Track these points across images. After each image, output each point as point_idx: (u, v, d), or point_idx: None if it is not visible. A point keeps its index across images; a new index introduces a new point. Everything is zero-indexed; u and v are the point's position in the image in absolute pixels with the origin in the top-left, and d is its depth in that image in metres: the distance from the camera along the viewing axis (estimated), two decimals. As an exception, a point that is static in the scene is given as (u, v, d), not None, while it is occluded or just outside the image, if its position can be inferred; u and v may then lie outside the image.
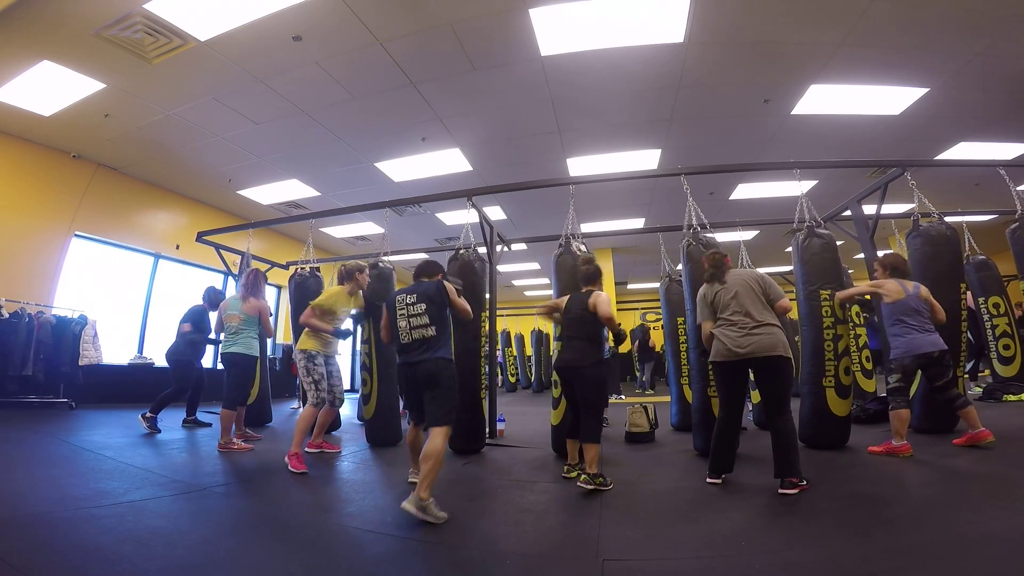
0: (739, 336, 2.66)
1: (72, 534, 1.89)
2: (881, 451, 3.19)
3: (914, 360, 3.28)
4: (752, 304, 2.71)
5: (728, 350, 2.68)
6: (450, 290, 2.67)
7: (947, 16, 4.24)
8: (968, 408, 3.21)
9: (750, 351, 2.61)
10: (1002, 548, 1.70)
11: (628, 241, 11.04)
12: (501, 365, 12.45)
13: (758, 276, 2.84)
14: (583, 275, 3.19)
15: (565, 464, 3.10)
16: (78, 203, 6.68)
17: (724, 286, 2.82)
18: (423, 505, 2.13)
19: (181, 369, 4.79)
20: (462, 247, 4.25)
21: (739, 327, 2.68)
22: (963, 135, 6.42)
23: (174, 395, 4.68)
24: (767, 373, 2.65)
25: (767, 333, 2.63)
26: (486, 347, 4.25)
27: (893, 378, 3.36)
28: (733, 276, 2.85)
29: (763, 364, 2.62)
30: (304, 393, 3.82)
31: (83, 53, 4.53)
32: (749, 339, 2.63)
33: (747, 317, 2.69)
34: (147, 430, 4.37)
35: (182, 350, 4.83)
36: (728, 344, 2.68)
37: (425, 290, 2.63)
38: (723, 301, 2.79)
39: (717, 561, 1.74)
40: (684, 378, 4.64)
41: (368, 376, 4.27)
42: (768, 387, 2.68)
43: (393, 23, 4.35)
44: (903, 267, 3.57)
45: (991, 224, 7.70)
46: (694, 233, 3.87)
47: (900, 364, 3.33)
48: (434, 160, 6.96)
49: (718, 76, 5.17)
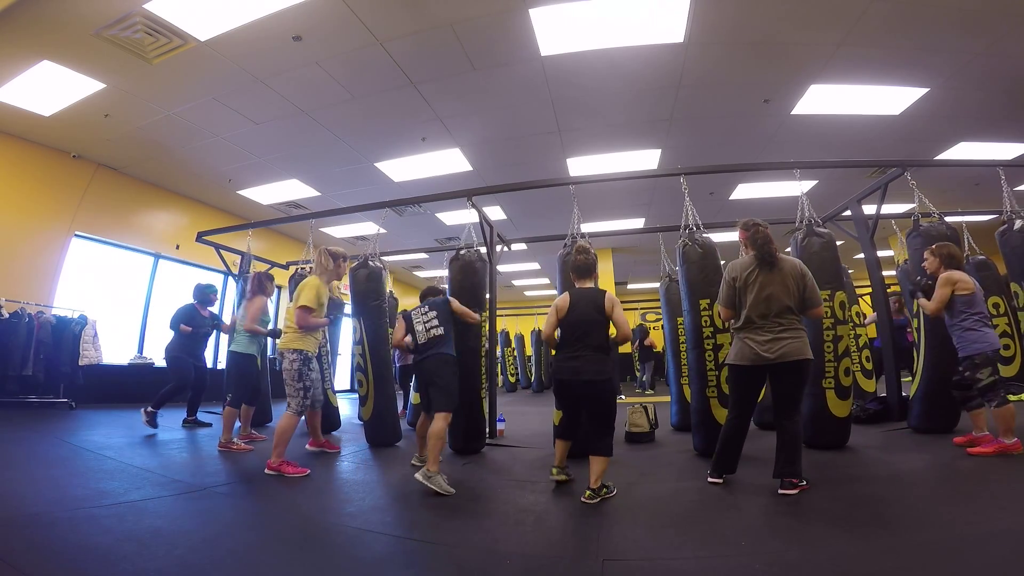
0: (767, 340, 2.50)
1: (72, 534, 1.89)
2: (992, 451, 2.95)
3: (996, 354, 3.07)
4: (786, 304, 2.52)
5: (756, 355, 2.51)
6: (454, 302, 3.43)
7: (947, 16, 4.24)
8: (980, 411, 3.17)
9: (779, 356, 2.47)
10: (1002, 548, 1.70)
11: (628, 241, 11.04)
12: (500, 365, 12.45)
13: (801, 274, 2.57)
14: (578, 266, 2.82)
15: (553, 467, 2.84)
16: (78, 203, 6.68)
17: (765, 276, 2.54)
18: (429, 475, 2.58)
19: (177, 366, 4.80)
20: (462, 247, 4.25)
21: (766, 331, 2.52)
22: (963, 135, 6.42)
23: (174, 391, 4.71)
24: (790, 376, 2.52)
25: (796, 337, 2.49)
26: (486, 347, 4.24)
27: (984, 373, 3.03)
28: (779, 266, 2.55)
29: (788, 368, 2.49)
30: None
31: (83, 53, 4.53)
32: (778, 344, 2.48)
33: (778, 320, 2.51)
34: (146, 424, 4.39)
35: (177, 347, 4.83)
36: (756, 348, 2.52)
37: (435, 303, 3.32)
38: (755, 296, 2.54)
39: (717, 561, 1.74)
40: (684, 378, 4.64)
41: (364, 377, 4.25)
42: (786, 389, 2.55)
43: (393, 23, 4.35)
44: (960, 258, 3.32)
45: (991, 224, 7.66)
46: (690, 234, 3.87)
47: (986, 358, 3.04)
48: (434, 160, 6.96)
49: (718, 76, 5.17)
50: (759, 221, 2.69)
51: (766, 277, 2.55)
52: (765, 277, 2.55)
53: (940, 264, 3.30)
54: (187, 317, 4.92)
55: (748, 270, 2.61)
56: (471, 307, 3.57)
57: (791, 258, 2.68)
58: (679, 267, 3.84)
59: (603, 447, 2.59)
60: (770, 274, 2.55)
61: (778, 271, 2.55)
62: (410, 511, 2.46)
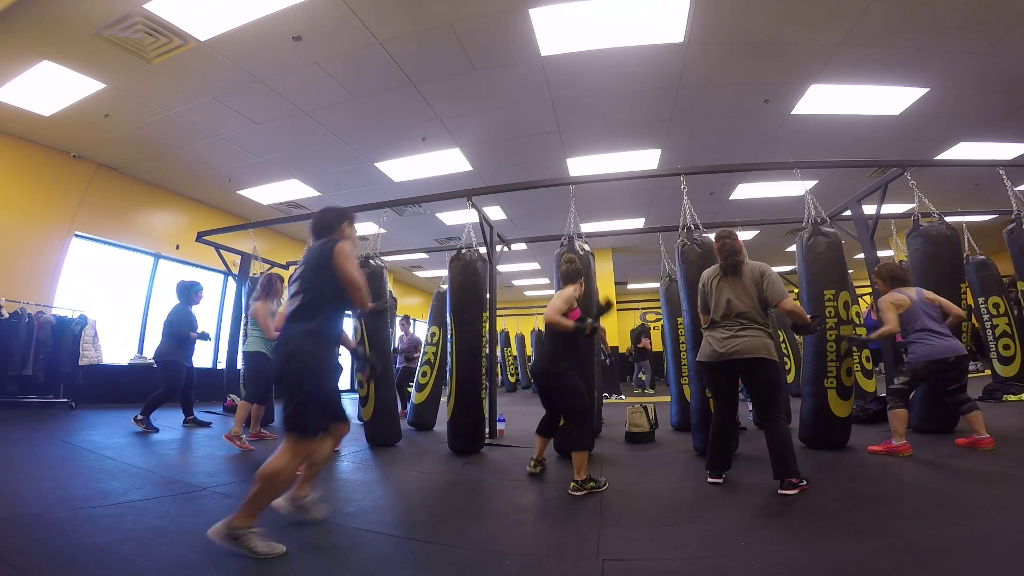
0: (724, 338, 2.68)
1: (72, 534, 1.89)
2: (881, 450, 3.19)
3: (927, 366, 3.25)
4: (744, 306, 2.68)
5: (712, 351, 2.71)
6: (341, 251, 2.00)
7: (947, 16, 4.24)
8: (975, 413, 3.19)
9: (732, 352, 2.62)
10: (1002, 548, 1.70)
11: (628, 241, 11.04)
12: (500, 365, 12.45)
13: (760, 274, 2.74)
14: (562, 274, 3.11)
15: (531, 459, 3.11)
16: (78, 203, 6.68)
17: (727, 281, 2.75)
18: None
19: (170, 370, 4.74)
20: (463, 247, 4.25)
21: (725, 329, 2.69)
22: (963, 135, 6.42)
23: (164, 396, 4.65)
24: (750, 375, 2.65)
25: (752, 336, 2.63)
26: (486, 347, 4.24)
27: (899, 379, 3.33)
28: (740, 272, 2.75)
29: (746, 366, 2.63)
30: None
31: (83, 53, 4.53)
32: (732, 341, 2.64)
33: (738, 320, 2.67)
34: (143, 431, 4.37)
35: (171, 351, 4.78)
36: (713, 345, 2.71)
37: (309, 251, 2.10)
38: (716, 299, 2.76)
39: (717, 561, 1.74)
40: (684, 378, 4.64)
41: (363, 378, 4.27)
42: (753, 389, 2.69)
43: (393, 23, 4.35)
44: (902, 275, 3.55)
45: (991, 224, 7.69)
46: (688, 234, 3.87)
47: (912, 368, 3.30)
48: (434, 160, 6.97)
49: (718, 76, 5.17)
50: (730, 232, 2.86)
51: (727, 282, 2.77)
52: (727, 282, 2.77)
53: (885, 285, 3.53)
54: (188, 322, 4.88)
55: (714, 277, 2.85)
56: (471, 307, 3.52)
57: (754, 263, 2.82)
58: (678, 267, 3.84)
59: (570, 441, 2.72)
60: (732, 279, 2.75)
61: (739, 277, 2.75)
62: (410, 511, 2.47)
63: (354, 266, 2.00)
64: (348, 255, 1.99)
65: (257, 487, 1.78)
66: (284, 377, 1.90)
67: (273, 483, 1.80)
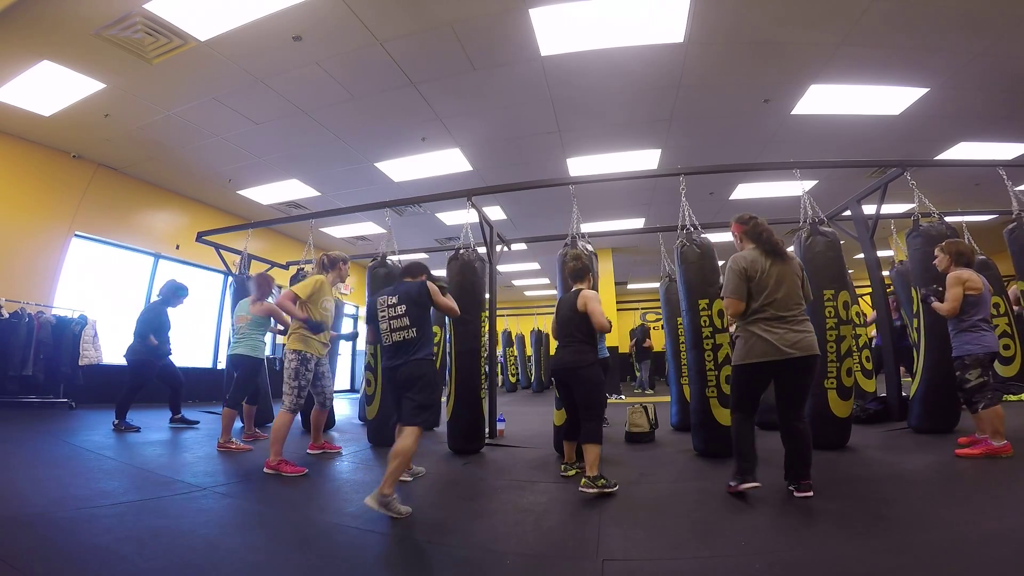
0: (786, 332, 2.35)
1: (72, 534, 1.89)
2: (979, 453, 2.90)
3: (989, 356, 3.06)
4: (799, 296, 2.45)
5: (775, 348, 2.35)
6: (433, 290, 2.65)
7: (947, 16, 4.24)
8: (984, 412, 3.14)
9: (798, 350, 2.34)
10: (1002, 548, 1.70)
11: (628, 241, 11.04)
12: (501, 365, 12.45)
13: (799, 268, 2.55)
14: (570, 272, 3.11)
15: (562, 463, 3.14)
16: (78, 203, 6.68)
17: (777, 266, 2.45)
18: (386, 501, 2.16)
19: (140, 370, 4.76)
20: (462, 247, 4.25)
21: (785, 321, 2.38)
22: (963, 135, 6.42)
23: (129, 395, 4.66)
24: (802, 373, 2.40)
25: (810, 331, 2.41)
26: (486, 347, 4.24)
27: (973, 374, 3.03)
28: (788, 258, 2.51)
29: (803, 364, 2.37)
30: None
31: (83, 53, 4.53)
32: (795, 336, 2.35)
33: (795, 314, 2.41)
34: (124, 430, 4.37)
35: (142, 349, 4.78)
36: (774, 341, 2.35)
37: (407, 291, 2.63)
38: (772, 288, 2.42)
39: (717, 561, 1.74)
40: (684, 378, 4.64)
41: (372, 376, 4.27)
42: (797, 387, 2.44)
43: (393, 23, 4.35)
44: (969, 255, 3.24)
45: (991, 224, 7.69)
46: (687, 235, 3.86)
47: (977, 359, 3.03)
48: (434, 160, 6.96)
49: (718, 76, 5.17)
50: (754, 215, 2.67)
51: (781, 269, 2.46)
52: (780, 269, 2.46)
53: (950, 261, 3.25)
54: (157, 322, 4.85)
55: (763, 260, 2.50)
56: (470, 307, 3.53)
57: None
58: (677, 268, 3.84)
59: (588, 433, 2.71)
60: (784, 266, 2.48)
61: (788, 263, 2.50)
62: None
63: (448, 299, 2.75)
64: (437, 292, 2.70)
65: (396, 463, 2.26)
66: (421, 384, 2.51)
67: (406, 459, 2.33)
